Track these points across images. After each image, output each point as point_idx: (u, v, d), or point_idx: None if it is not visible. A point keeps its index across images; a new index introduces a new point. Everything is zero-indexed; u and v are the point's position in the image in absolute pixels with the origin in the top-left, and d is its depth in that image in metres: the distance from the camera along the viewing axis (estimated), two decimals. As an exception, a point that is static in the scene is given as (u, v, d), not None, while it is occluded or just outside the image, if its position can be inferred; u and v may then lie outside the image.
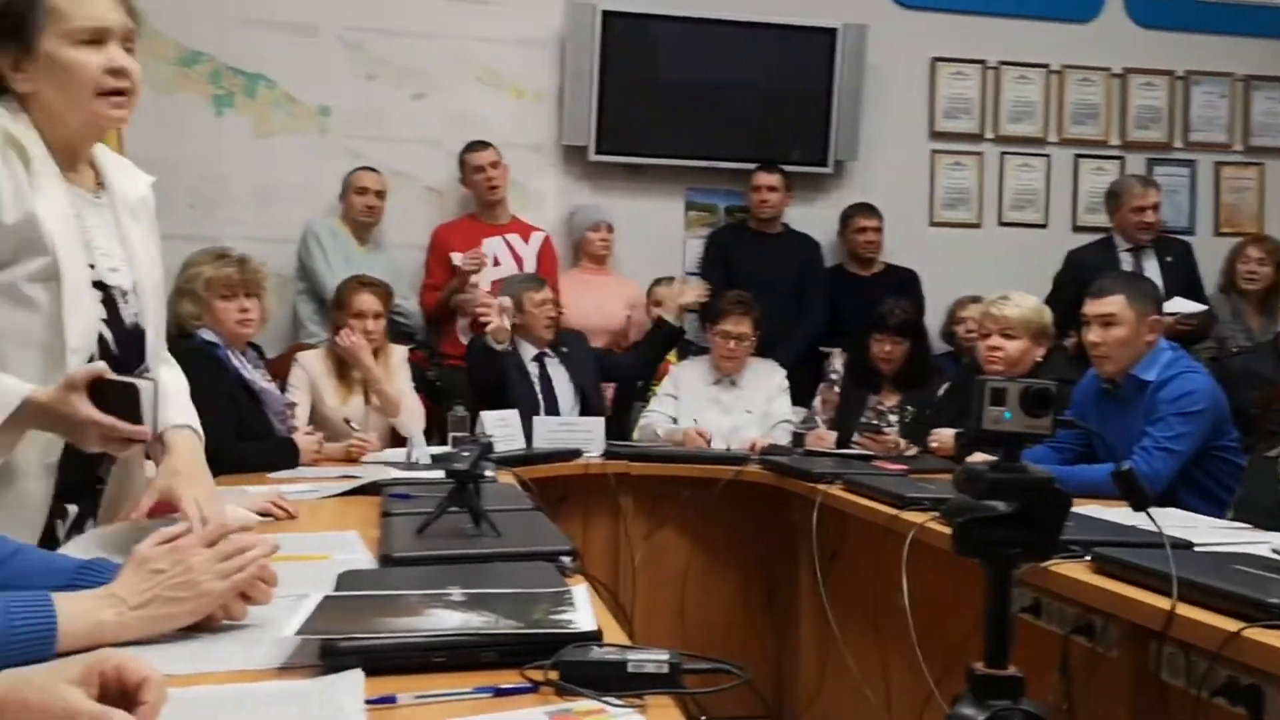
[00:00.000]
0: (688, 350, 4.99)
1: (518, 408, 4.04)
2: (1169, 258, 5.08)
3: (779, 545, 3.76)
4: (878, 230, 5.42)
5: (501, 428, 3.81)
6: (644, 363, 4.74)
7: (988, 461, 1.39)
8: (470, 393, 4.32)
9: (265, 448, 3.34)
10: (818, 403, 4.46)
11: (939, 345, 5.25)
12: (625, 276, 5.36)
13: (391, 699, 1.11)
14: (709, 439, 4.18)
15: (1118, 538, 2.14)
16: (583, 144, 5.39)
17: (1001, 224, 5.90)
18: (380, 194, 4.99)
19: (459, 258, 4.90)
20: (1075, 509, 2.21)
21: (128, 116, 1.81)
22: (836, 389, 4.42)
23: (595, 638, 1.24)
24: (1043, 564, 2.00)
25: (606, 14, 5.29)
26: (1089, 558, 2.02)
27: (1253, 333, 5.00)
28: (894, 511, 2.70)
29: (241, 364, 3.43)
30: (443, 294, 4.96)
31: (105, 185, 1.89)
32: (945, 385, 4.17)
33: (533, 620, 1.29)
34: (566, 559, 1.74)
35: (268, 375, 3.63)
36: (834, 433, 4.16)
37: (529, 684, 1.16)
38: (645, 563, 3.88)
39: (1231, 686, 1.66)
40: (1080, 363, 3.57)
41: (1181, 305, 4.53)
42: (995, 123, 5.87)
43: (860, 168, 5.69)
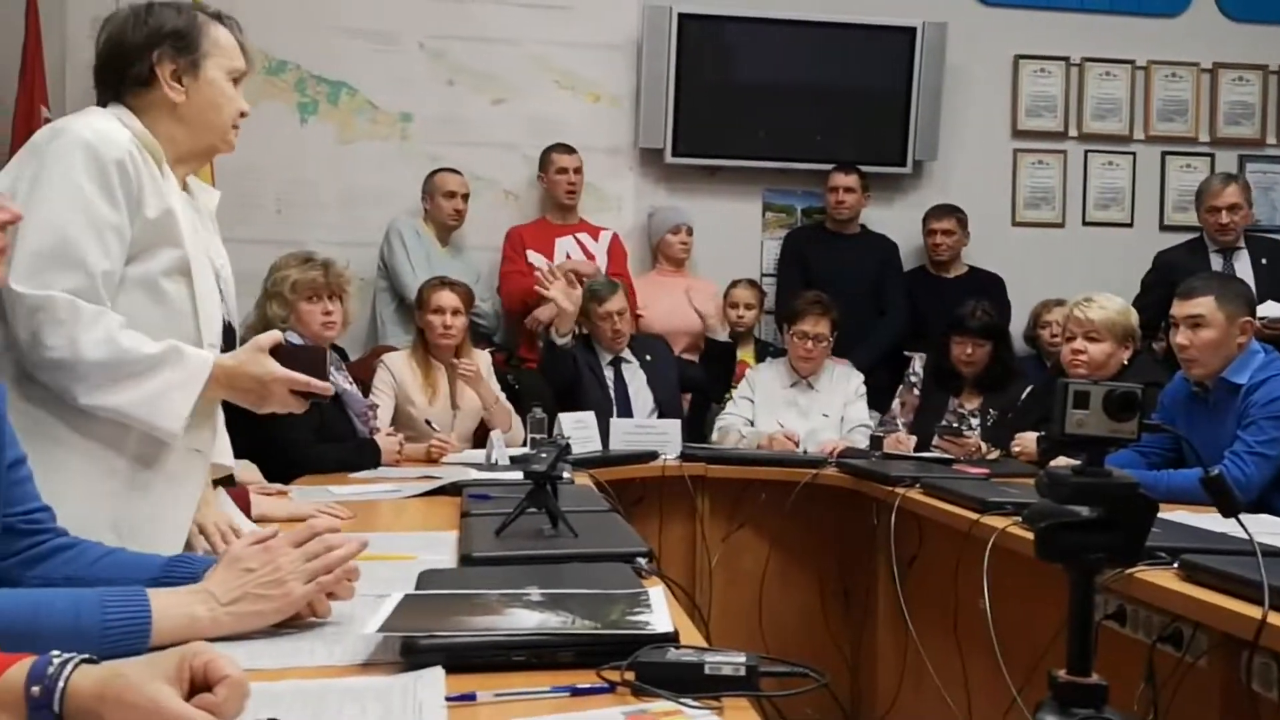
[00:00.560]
0: (765, 352, 4.98)
1: (593, 410, 4.06)
2: (1263, 259, 4.92)
3: (856, 549, 3.73)
4: (948, 233, 5.32)
5: (579, 429, 3.83)
6: (713, 378, 4.75)
7: (1071, 466, 1.36)
8: (548, 395, 4.35)
9: (347, 449, 3.41)
10: (896, 405, 4.41)
11: (1022, 348, 5.16)
12: (703, 278, 5.36)
13: (471, 696, 1.12)
14: (797, 441, 4.16)
15: (1207, 544, 2.09)
16: (659, 146, 5.40)
17: (1086, 224, 5.78)
18: (465, 197, 5.05)
19: (541, 261, 4.92)
20: (1163, 515, 2.17)
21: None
22: (916, 391, 4.37)
23: (672, 639, 1.25)
24: (1128, 571, 1.96)
25: (682, 16, 5.30)
26: (1177, 565, 1.97)
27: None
28: (975, 516, 2.66)
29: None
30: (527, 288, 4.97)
31: (191, 194, 2.02)
32: (1028, 388, 4.10)
33: (610, 621, 1.30)
34: (643, 560, 1.75)
35: (350, 378, 3.69)
36: (913, 437, 4.11)
37: (606, 684, 1.16)
38: (722, 565, 3.88)
39: (1327, 699, 1.62)
40: (1171, 366, 3.49)
41: (1274, 309, 4.38)
42: (1079, 120, 5.76)
43: (940, 168, 5.62)
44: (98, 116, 1.85)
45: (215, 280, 1.95)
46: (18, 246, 1.65)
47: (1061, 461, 2.86)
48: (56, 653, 0.96)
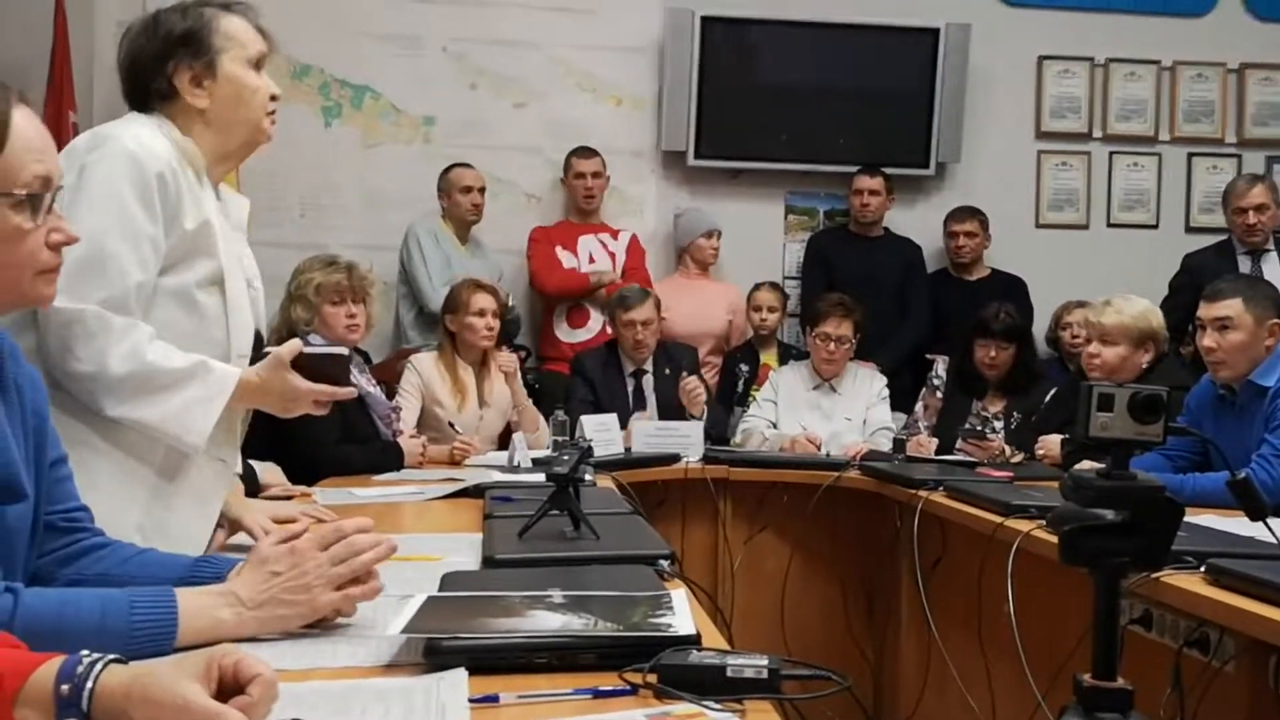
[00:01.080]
0: (788, 355, 4.97)
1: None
2: (1292, 260, 4.88)
3: (879, 552, 3.72)
4: (970, 235, 5.30)
5: (601, 432, 3.83)
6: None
7: (1095, 469, 1.36)
8: (568, 395, 4.37)
9: (370, 451, 3.42)
10: (919, 408, 4.39)
11: (1044, 350, 5.13)
12: (726, 281, 5.35)
13: (495, 698, 1.13)
14: (819, 444, 4.15)
15: (1234, 548, 2.07)
16: (681, 149, 5.40)
17: (1110, 225, 5.74)
18: (482, 190, 5.05)
19: (590, 270, 5.02)
20: (1189, 519, 2.15)
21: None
22: (939, 394, 4.35)
23: (694, 641, 1.25)
24: (1153, 575, 1.95)
25: (705, 19, 5.29)
26: (1203, 569, 1.96)
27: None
28: (999, 519, 2.65)
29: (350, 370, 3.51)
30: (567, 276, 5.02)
31: (221, 200, 2.02)
32: (1052, 391, 4.08)
33: (632, 623, 1.30)
34: (665, 563, 1.75)
35: (373, 380, 3.71)
36: (935, 439, 4.09)
37: (628, 686, 1.17)
38: (744, 567, 3.87)
39: (1356, 705, 1.60)
40: (1198, 369, 3.46)
41: None
42: (1104, 121, 5.72)
43: (963, 169, 5.60)
44: (140, 125, 1.87)
45: (246, 289, 1.96)
46: None
47: (1086, 465, 2.84)
48: (86, 652, 0.96)
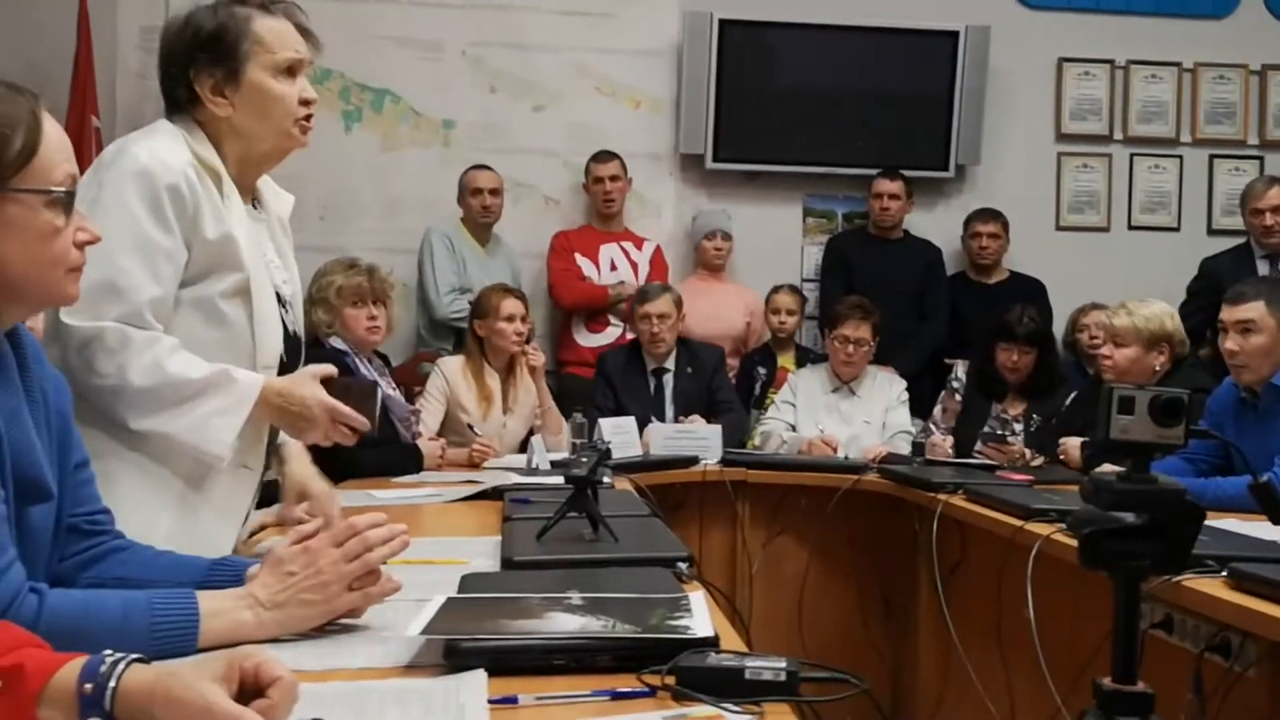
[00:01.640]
0: (806, 358, 4.96)
1: (632, 413, 4.07)
2: (1314, 264, 4.84)
3: (898, 555, 3.71)
4: (994, 236, 5.29)
5: (619, 434, 3.84)
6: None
7: (1116, 472, 1.35)
8: (588, 399, 4.38)
9: (389, 453, 3.43)
10: (938, 412, 4.38)
11: (1062, 353, 5.10)
12: (743, 284, 5.35)
13: (514, 699, 1.13)
14: (836, 447, 4.14)
15: (1256, 552, 2.06)
16: (700, 152, 5.41)
17: (1131, 227, 5.71)
18: (495, 191, 5.04)
19: (611, 282, 5.03)
20: (1211, 523, 2.14)
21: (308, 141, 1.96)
22: (958, 398, 4.34)
23: (712, 644, 1.25)
24: (1174, 579, 1.94)
25: (723, 22, 5.30)
26: (1225, 573, 1.95)
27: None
28: (1019, 523, 2.64)
29: (369, 371, 3.53)
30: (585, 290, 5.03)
31: (260, 203, 2.01)
32: (1072, 394, 4.06)
33: (650, 625, 1.30)
34: (683, 565, 1.75)
35: (393, 383, 3.72)
36: (949, 437, 4.06)
37: (646, 688, 1.17)
38: (762, 570, 3.87)
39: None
40: (1215, 372, 3.44)
41: None
42: (1124, 123, 5.69)
43: (983, 172, 5.59)
44: (160, 136, 1.85)
45: (276, 299, 1.93)
46: None
47: (1107, 468, 2.83)
48: (109, 652, 0.97)
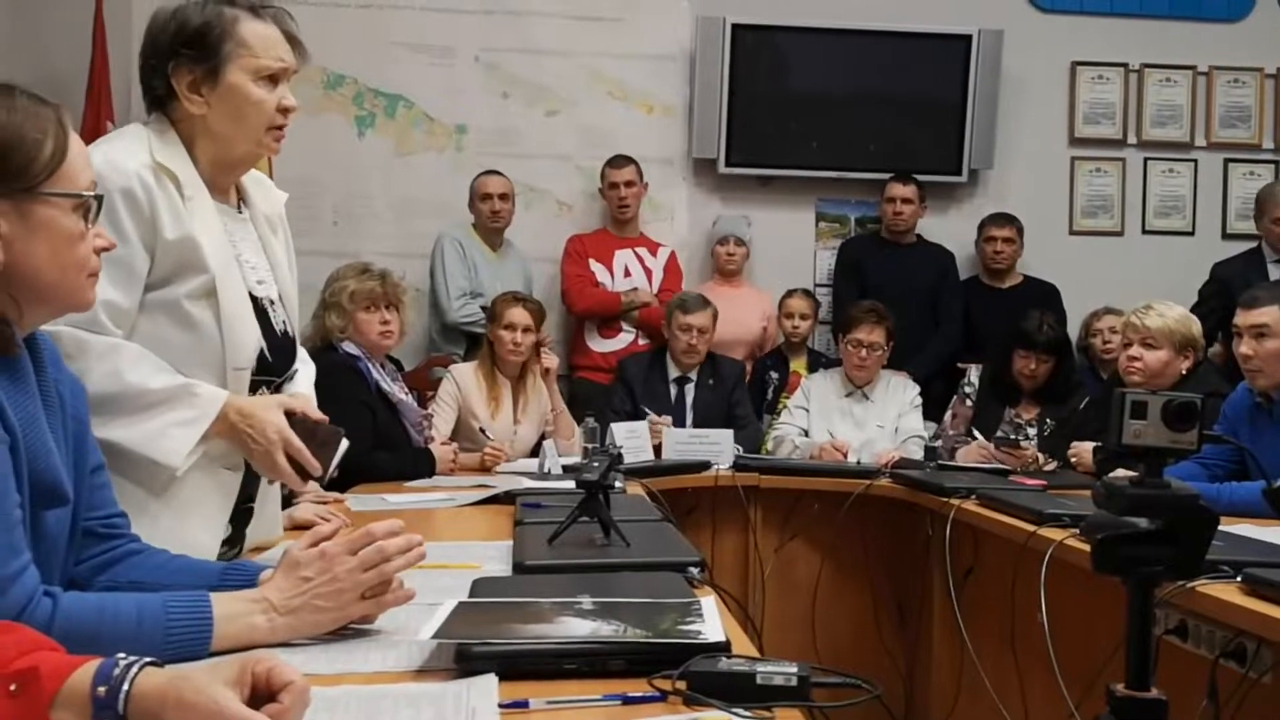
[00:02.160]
0: (818, 363, 4.96)
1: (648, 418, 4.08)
2: (1329, 270, 4.81)
3: (910, 560, 3.70)
4: (1008, 241, 5.27)
5: (631, 439, 3.84)
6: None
7: (1129, 477, 1.35)
8: (600, 403, 4.38)
9: (402, 457, 3.44)
10: (948, 417, 4.37)
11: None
12: (760, 288, 5.34)
13: (524, 704, 1.13)
14: (846, 452, 4.14)
15: (1271, 558, 2.05)
16: (712, 156, 5.41)
17: (1145, 232, 5.69)
18: (504, 196, 5.04)
19: (624, 289, 5.03)
20: (1226, 528, 2.13)
21: (279, 148, 1.92)
22: (969, 403, 4.33)
23: (724, 649, 1.25)
24: (1189, 584, 1.93)
25: (736, 27, 5.30)
26: (1240, 579, 1.94)
27: None
28: (1032, 528, 2.63)
29: (381, 376, 3.54)
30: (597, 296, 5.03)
31: (246, 202, 1.99)
32: (1085, 399, 4.05)
33: (662, 630, 1.30)
34: (695, 570, 1.75)
35: (405, 387, 3.73)
36: (977, 438, 4.03)
37: (657, 693, 1.17)
38: (774, 575, 3.87)
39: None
40: (1229, 376, 3.42)
41: None
42: (1139, 127, 5.67)
43: (996, 176, 5.57)
44: (121, 139, 1.83)
45: (251, 299, 1.89)
46: None
47: (1120, 473, 2.82)
48: (123, 655, 0.98)
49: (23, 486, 1.20)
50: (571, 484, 2.37)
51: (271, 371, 1.94)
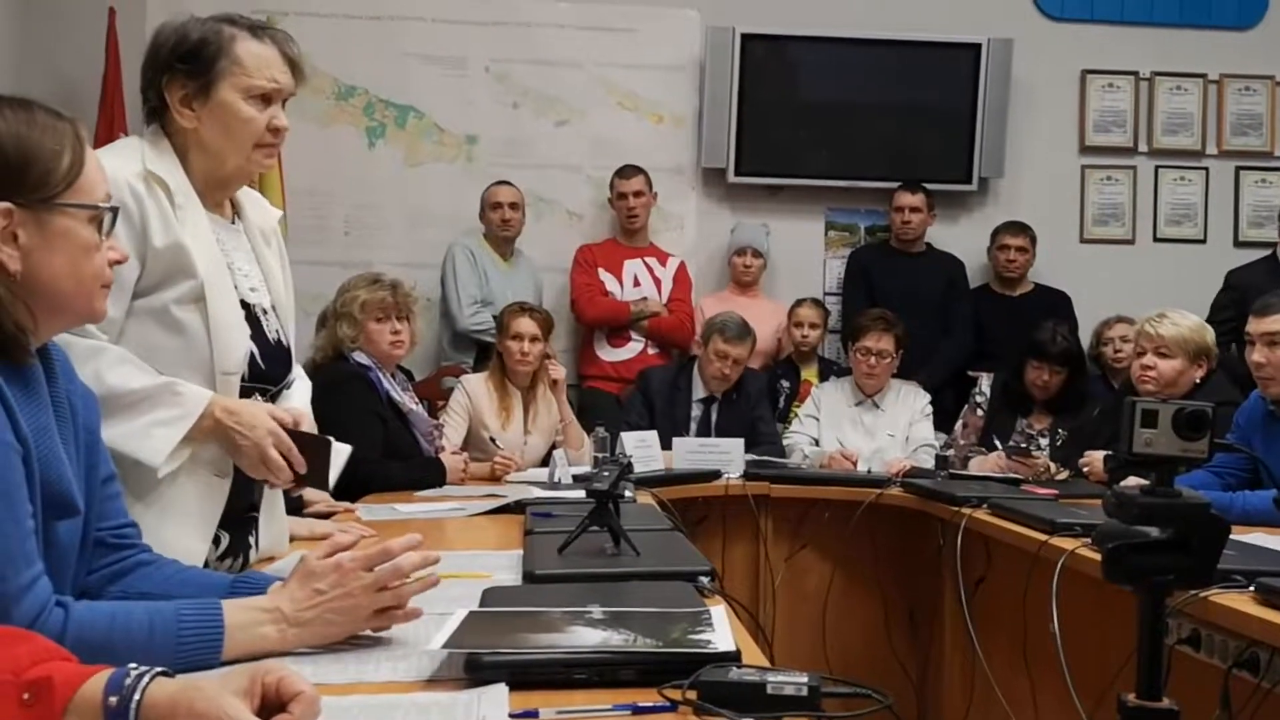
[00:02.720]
0: (829, 371, 4.95)
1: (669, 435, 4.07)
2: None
3: (922, 569, 3.69)
4: (1022, 249, 5.26)
5: (641, 448, 3.84)
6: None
7: (1140, 486, 1.34)
8: (610, 412, 4.37)
9: (412, 467, 3.45)
10: (959, 427, 4.36)
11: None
12: (773, 298, 5.33)
13: (534, 714, 1.13)
14: (855, 460, 4.13)
15: (1284, 568, 2.04)
16: (722, 166, 5.41)
17: (1157, 240, 5.68)
18: (514, 206, 5.05)
19: (633, 298, 5.04)
20: (1238, 537, 2.12)
21: (273, 165, 1.92)
22: (980, 412, 4.32)
23: (734, 658, 1.25)
24: (1202, 594, 1.92)
25: (745, 37, 5.31)
26: (1253, 588, 1.93)
27: None
28: (1044, 537, 2.63)
29: (392, 386, 3.55)
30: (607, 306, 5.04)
31: (240, 215, 2.00)
32: (1098, 408, 4.03)
33: (672, 640, 1.30)
34: (705, 579, 1.75)
35: (415, 397, 3.74)
36: (1000, 454, 4.01)
37: (667, 703, 1.16)
38: (785, 584, 3.86)
39: None
40: (1244, 385, 3.41)
41: None
42: (1149, 135, 5.66)
43: (1006, 184, 5.56)
44: (114, 151, 1.83)
45: (243, 306, 1.89)
46: None
47: (1132, 481, 2.81)
48: (134, 665, 0.98)
49: (34, 497, 1.20)
50: (582, 493, 2.36)
51: (265, 380, 1.94)
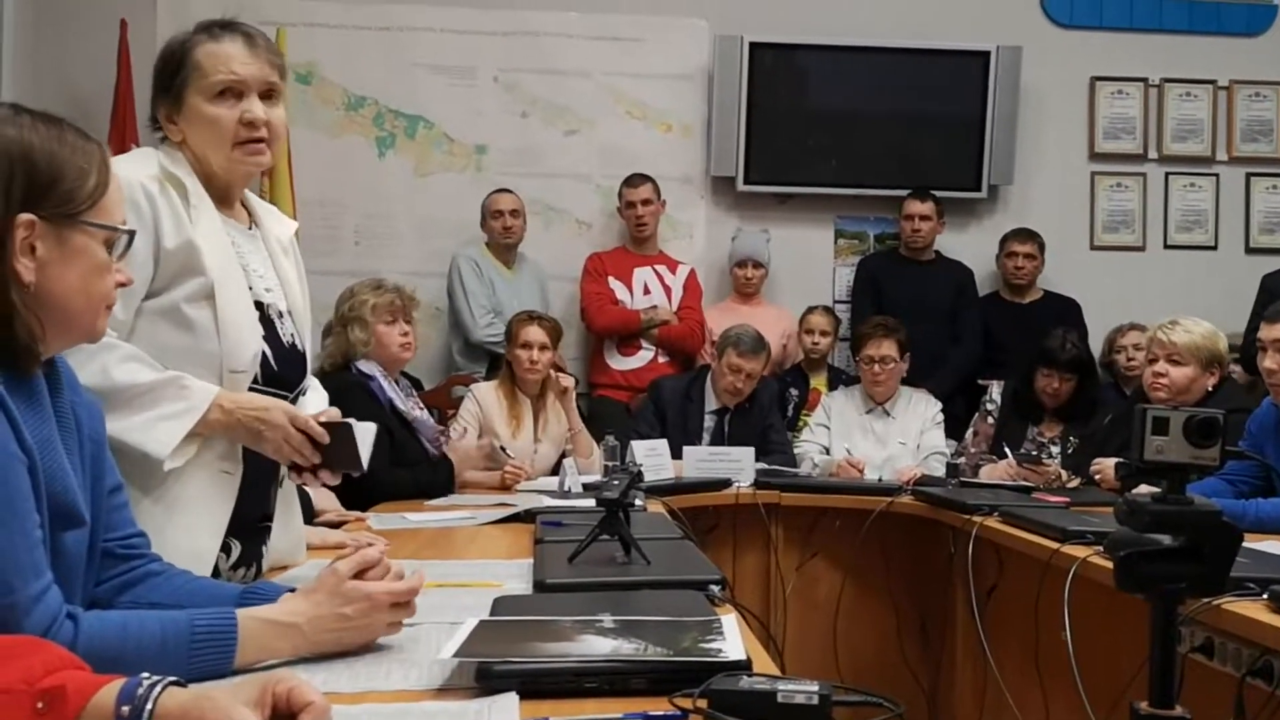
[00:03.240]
0: (838, 380, 4.94)
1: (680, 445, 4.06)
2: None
3: (933, 578, 3.68)
4: (1030, 257, 5.25)
5: (651, 457, 3.83)
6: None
7: (1151, 493, 1.34)
8: (619, 421, 4.37)
9: (420, 472, 3.45)
10: (970, 434, 4.34)
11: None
12: (779, 306, 5.33)
13: (545, 722, 1.14)
14: (862, 469, 4.12)
15: (1298, 575, 2.03)
16: (731, 174, 5.42)
17: (1167, 246, 5.67)
18: (515, 212, 5.06)
19: (644, 306, 5.04)
20: (1251, 544, 2.11)
21: (267, 161, 1.93)
22: (991, 420, 4.30)
23: (745, 667, 1.24)
24: (1215, 602, 1.91)
25: (753, 45, 5.31)
26: (1266, 596, 1.92)
27: None
28: (1055, 545, 2.62)
29: (395, 393, 3.55)
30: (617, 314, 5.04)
31: (258, 224, 2.02)
32: (1109, 416, 4.02)
33: (682, 648, 1.30)
34: (716, 588, 1.75)
35: (420, 404, 3.73)
36: (1010, 462, 3.99)
37: (678, 712, 1.16)
38: (796, 593, 3.85)
39: None
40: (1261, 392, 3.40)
41: None
42: (1159, 142, 5.65)
43: (1016, 192, 5.56)
44: (130, 157, 1.87)
45: (258, 306, 1.90)
46: None
47: (1143, 489, 2.80)
48: (147, 674, 0.99)
49: (41, 508, 1.21)
50: (592, 502, 2.36)
51: (279, 383, 1.93)
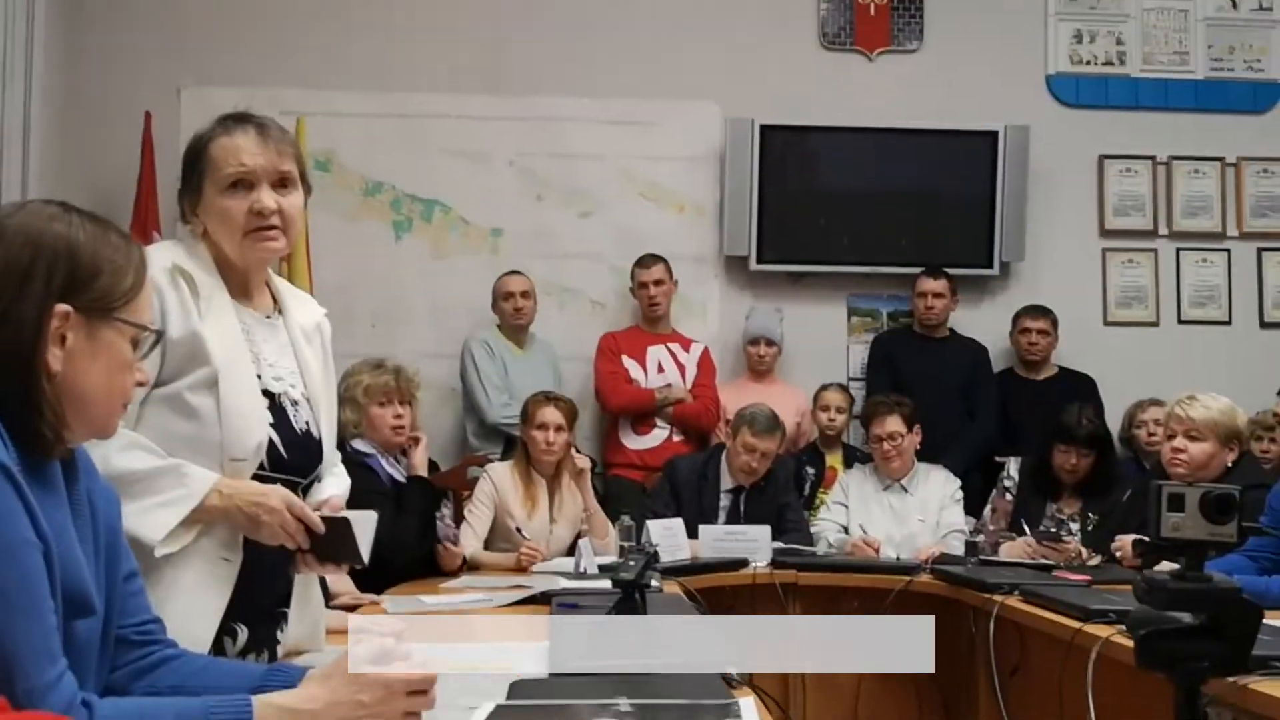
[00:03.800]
0: (853, 458, 4.93)
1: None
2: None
3: (955, 658, 3.62)
4: (1043, 333, 5.26)
5: (667, 536, 3.81)
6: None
7: (1170, 571, 1.33)
8: (635, 502, 4.36)
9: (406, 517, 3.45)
10: (988, 512, 4.31)
11: (1117, 449, 5.02)
12: (792, 384, 5.33)
13: (561, 808, 1.12)
14: (877, 548, 4.09)
15: (1325, 654, 1.99)
16: (744, 254, 5.46)
17: (1181, 321, 5.67)
18: (526, 294, 5.10)
19: (658, 385, 5.05)
20: (1275, 622, 2.08)
21: (280, 248, 1.95)
22: (1009, 497, 4.28)
23: (763, 751, 1.23)
24: (1240, 681, 1.88)
25: (764, 128, 5.39)
26: (1292, 675, 1.89)
27: None
28: (1077, 624, 2.59)
29: (395, 470, 3.56)
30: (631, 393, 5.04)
31: (281, 310, 2.03)
32: (1129, 491, 3.99)
33: (700, 732, 1.29)
34: (733, 670, 1.73)
35: (445, 518, 3.71)
36: (1030, 539, 3.94)
37: (697, 796, 1.15)
38: (816, 675, 3.79)
39: None
40: None
41: None
42: (1169, 218, 5.68)
43: (1028, 268, 5.58)
44: (152, 247, 1.83)
45: (265, 395, 1.90)
46: None
47: (1163, 566, 2.77)
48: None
49: (55, 595, 1.21)
50: (608, 583, 2.36)
51: (290, 470, 1.93)
